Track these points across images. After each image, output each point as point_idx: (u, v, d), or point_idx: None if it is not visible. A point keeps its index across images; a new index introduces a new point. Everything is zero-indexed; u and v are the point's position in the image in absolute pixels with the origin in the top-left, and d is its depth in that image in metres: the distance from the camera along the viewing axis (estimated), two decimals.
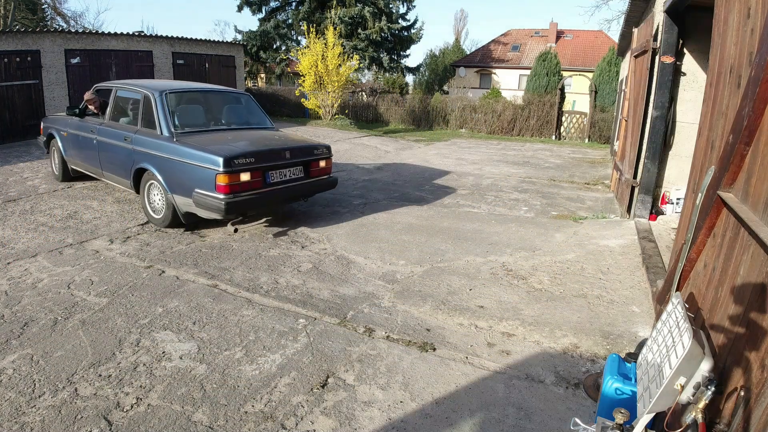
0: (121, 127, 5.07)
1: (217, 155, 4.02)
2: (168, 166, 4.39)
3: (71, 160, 6.01)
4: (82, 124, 5.60)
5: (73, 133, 5.75)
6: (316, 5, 20.42)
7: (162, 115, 4.60)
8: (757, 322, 1.20)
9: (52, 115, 6.64)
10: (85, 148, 5.57)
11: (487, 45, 32.14)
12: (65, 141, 5.99)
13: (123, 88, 5.36)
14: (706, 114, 2.08)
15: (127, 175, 4.92)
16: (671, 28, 4.52)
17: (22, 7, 20.74)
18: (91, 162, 5.54)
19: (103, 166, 5.32)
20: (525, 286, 3.35)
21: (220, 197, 4.03)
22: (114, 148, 5.05)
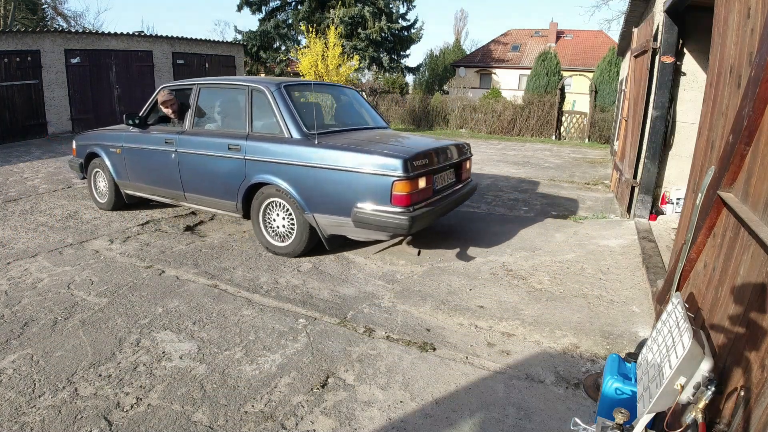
0: (220, 134, 4.07)
1: (393, 156, 3.25)
2: (306, 176, 3.52)
3: (129, 183, 4.81)
4: (146, 136, 4.52)
5: (132, 149, 4.63)
6: (316, 5, 20.42)
7: (287, 114, 3.72)
8: (757, 322, 1.20)
9: (91, 131, 5.36)
10: (155, 166, 4.46)
11: (487, 45, 32.14)
12: (118, 160, 4.79)
13: (213, 85, 4.37)
14: (706, 114, 2.08)
15: (231, 195, 3.96)
16: (671, 28, 4.52)
17: (22, 7, 20.75)
18: (165, 183, 4.43)
19: (189, 187, 4.25)
20: (525, 286, 3.35)
21: (400, 211, 3.22)
22: (210, 161, 4.02)
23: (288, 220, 3.79)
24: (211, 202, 4.18)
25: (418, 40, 23.09)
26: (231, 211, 4.07)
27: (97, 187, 5.24)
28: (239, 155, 3.83)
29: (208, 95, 4.37)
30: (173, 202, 4.59)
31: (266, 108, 3.85)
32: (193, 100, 4.31)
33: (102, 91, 12.27)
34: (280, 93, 3.81)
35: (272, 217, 3.88)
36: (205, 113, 4.35)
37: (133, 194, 4.94)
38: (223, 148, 3.93)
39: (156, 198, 4.74)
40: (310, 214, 3.57)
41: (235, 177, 3.89)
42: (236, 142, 3.87)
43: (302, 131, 3.66)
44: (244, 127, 3.94)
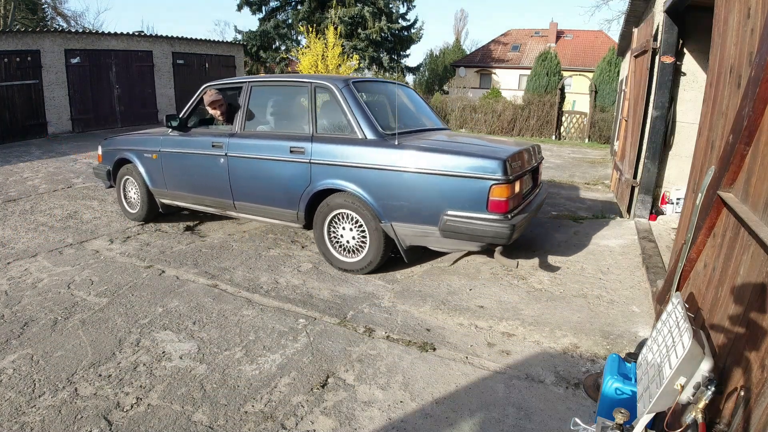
0: (278, 136, 3.72)
1: (490, 158, 2.98)
2: (384, 181, 3.23)
3: (166, 191, 4.40)
4: (189, 140, 4.14)
5: (172, 154, 4.24)
6: (316, 5, 20.42)
7: (360, 113, 3.41)
8: (757, 322, 1.20)
9: (120, 135, 4.90)
10: (199, 172, 4.09)
11: (487, 45, 32.15)
12: (154, 166, 4.38)
13: (267, 83, 4.07)
14: (706, 114, 2.08)
15: (291, 203, 3.63)
16: (671, 28, 4.52)
17: (22, 7, 20.75)
18: (211, 191, 4.08)
19: (239, 195, 3.91)
20: (525, 286, 3.35)
21: (498, 218, 2.96)
22: (267, 166, 3.68)
23: (358, 231, 3.44)
24: (266, 211, 3.82)
25: (418, 40, 23.10)
26: (290, 221, 3.74)
27: (127, 196, 4.78)
28: (303, 158, 3.49)
29: (261, 94, 4.02)
30: (219, 212, 4.22)
31: (333, 107, 3.56)
32: (243, 99, 3.93)
33: (102, 91, 12.27)
34: (349, 91, 3.50)
35: (338, 229, 3.52)
36: (257, 114, 4.01)
37: (171, 204, 4.49)
38: (284, 151, 3.57)
39: (198, 208, 4.34)
40: (387, 223, 3.26)
41: (298, 183, 3.55)
42: (299, 144, 3.51)
43: (377, 131, 3.35)
44: (307, 128, 3.61)
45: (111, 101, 12.50)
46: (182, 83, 14.10)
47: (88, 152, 8.92)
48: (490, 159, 2.98)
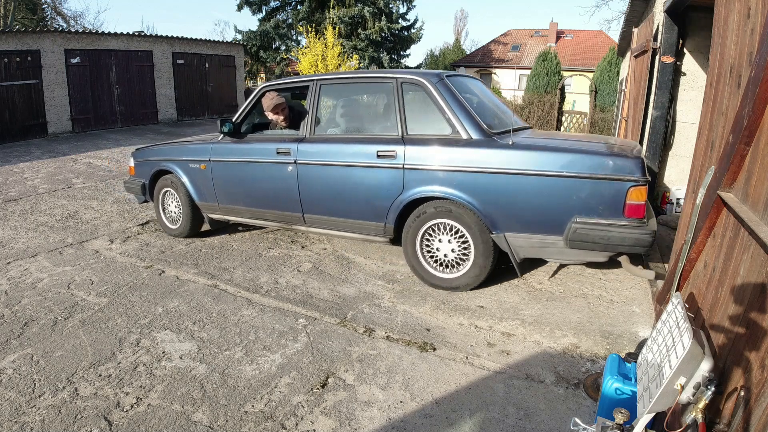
0: (359, 139, 3.36)
1: (627, 157, 2.66)
2: (495, 186, 2.89)
3: (217, 205, 4.01)
4: (248, 147, 3.75)
5: (226, 163, 3.83)
6: (315, 5, 20.42)
7: (461, 111, 3.05)
8: (757, 322, 1.20)
9: (156, 145, 4.53)
10: (261, 182, 3.71)
11: (487, 45, 32.14)
12: (202, 177, 3.98)
13: (340, 80, 3.66)
14: (706, 114, 2.08)
15: (377, 215, 3.28)
16: (671, 28, 4.52)
17: (22, 7, 20.75)
18: (275, 203, 3.69)
19: (311, 207, 3.53)
20: (525, 286, 3.35)
21: (636, 224, 2.63)
22: (347, 173, 3.31)
23: (459, 243, 3.11)
24: (343, 224, 3.45)
25: (418, 40, 23.09)
26: (373, 235, 3.39)
27: (167, 210, 4.38)
28: (394, 163, 3.11)
29: (332, 93, 3.69)
30: (283, 226, 3.85)
31: (427, 104, 3.19)
32: (311, 100, 3.55)
33: (102, 91, 12.27)
34: (445, 86, 3.12)
35: (433, 242, 3.19)
36: (328, 115, 3.72)
37: (221, 218, 4.14)
38: (369, 156, 3.20)
39: (255, 222, 3.97)
40: (499, 234, 2.94)
41: (387, 191, 3.18)
42: (389, 147, 3.13)
43: (483, 131, 2.99)
44: (395, 130, 3.23)
45: (111, 101, 12.50)
46: (182, 83, 14.10)
47: (88, 152, 8.92)
48: (626, 158, 2.64)
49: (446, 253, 3.17)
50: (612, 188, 2.63)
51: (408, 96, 3.26)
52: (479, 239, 3.01)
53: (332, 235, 3.63)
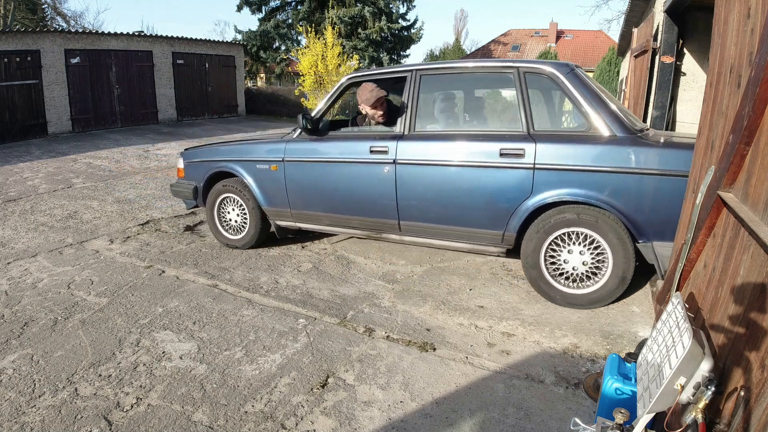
0: (475, 135, 3.04)
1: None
2: (648, 190, 2.60)
3: (289, 211, 3.67)
4: (332, 145, 3.40)
5: (304, 163, 3.47)
6: (315, 5, 20.43)
7: (600, 105, 2.76)
8: (757, 322, 1.20)
9: (211, 144, 4.20)
10: (346, 185, 3.36)
11: (487, 45, 32.16)
12: (272, 180, 3.62)
13: (447, 70, 3.27)
14: (706, 114, 2.07)
15: (496, 222, 2.97)
16: (671, 28, 4.52)
17: (22, 7, 20.76)
18: (364, 209, 3.36)
19: (410, 213, 3.20)
20: (525, 286, 3.35)
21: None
22: (460, 175, 2.99)
23: (592, 253, 2.82)
24: (450, 232, 3.10)
25: (418, 40, 23.10)
26: (489, 245, 3.06)
27: (225, 218, 3.98)
28: (522, 163, 2.79)
29: (435, 85, 3.34)
30: (368, 235, 3.49)
31: (556, 98, 2.98)
32: (409, 92, 3.19)
33: (102, 91, 12.27)
34: (577, 78, 2.82)
35: (561, 253, 2.88)
36: (429, 109, 3.37)
37: (292, 226, 3.76)
38: (490, 155, 2.87)
39: (336, 230, 3.63)
40: (647, 242, 2.67)
41: (510, 194, 2.87)
42: (515, 145, 2.81)
43: (626, 128, 2.71)
44: (518, 125, 2.91)
45: (111, 101, 12.50)
46: (182, 83, 14.10)
47: (88, 152, 8.92)
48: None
49: (575, 266, 2.86)
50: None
51: (532, 88, 2.95)
52: (619, 249, 2.71)
53: (431, 245, 3.30)
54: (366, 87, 3.37)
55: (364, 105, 3.39)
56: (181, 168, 4.17)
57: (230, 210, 3.94)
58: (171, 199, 5.61)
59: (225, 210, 3.97)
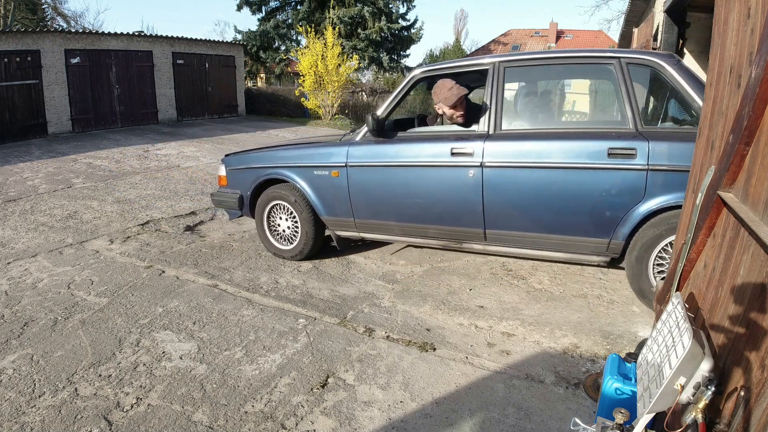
0: (580, 134, 2.75)
1: None
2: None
3: (352, 221, 3.41)
4: (404, 148, 3.12)
5: (372, 168, 3.20)
6: (315, 5, 20.43)
7: None
8: (757, 322, 1.20)
9: (258, 150, 3.88)
10: (422, 192, 3.10)
11: (487, 45, 32.20)
12: (333, 186, 3.35)
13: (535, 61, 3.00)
14: (706, 114, 2.07)
15: (601, 229, 2.74)
16: (671, 28, 4.52)
17: (22, 7, 20.76)
18: (442, 217, 3.10)
19: (499, 221, 2.95)
20: (525, 286, 3.35)
21: None
22: (561, 178, 2.72)
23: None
24: (545, 241, 2.87)
25: (418, 40, 23.10)
26: (591, 254, 2.85)
27: (276, 228, 3.73)
28: (634, 164, 2.54)
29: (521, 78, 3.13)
30: (446, 245, 3.25)
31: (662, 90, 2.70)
32: (493, 86, 2.92)
33: (102, 91, 12.27)
34: (685, 70, 2.57)
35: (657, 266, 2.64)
36: (516, 106, 3.18)
37: (355, 236, 3.52)
38: (596, 155, 2.61)
39: (409, 240, 3.37)
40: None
41: (620, 199, 2.62)
42: (624, 144, 2.55)
43: None
44: (622, 121, 2.66)
45: (111, 101, 12.50)
46: (182, 83, 14.10)
47: (88, 152, 8.92)
48: None
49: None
50: None
51: (637, 80, 2.68)
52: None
53: (520, 254, 3.06)
54: (444, 84, 3.08)
55: (441, 104, 3.11)
56: (223, 176, 3.89)
57: (281, 219, 3.70)
58: (171, 199, 5.61)
59: (276, 219, 3.74)
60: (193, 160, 8.24)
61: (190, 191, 6.04)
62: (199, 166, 7.68)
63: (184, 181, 6.63)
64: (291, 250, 3.71)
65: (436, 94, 3.13)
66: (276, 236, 3.78)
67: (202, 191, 6.04)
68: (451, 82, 3.09)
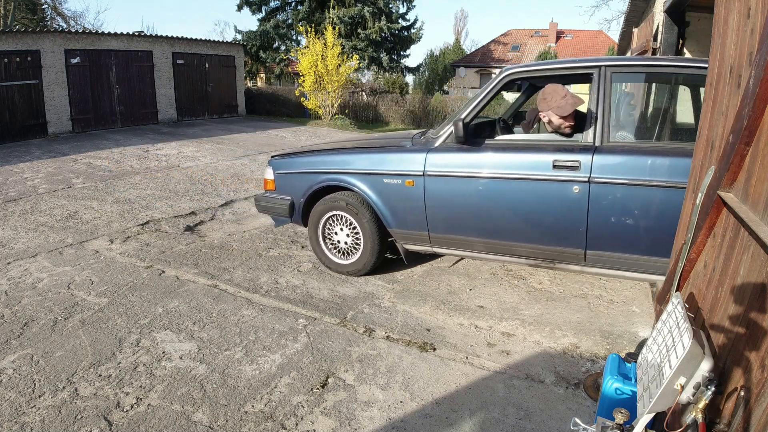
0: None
1: None
2: None
3: (426, 235, 3.13)
4: (495, 158, 2.84)
5: (456, 179, 2.92)
6: (315, 5, 20.44)
7: None
8: (757, 322, 1.20)
9: (312, 152, 3.59)
10: (514, 207, 2.82)
11: (487, 45, 32.18)
12: (406, 197, 3.07)
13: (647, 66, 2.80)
14: (706, 114, 2.07)
15: None
16: (671, 28, 4.52)
17: (22, 7, 20.76)
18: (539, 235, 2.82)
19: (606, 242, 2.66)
20: (525, 286, 3.35)
21: None
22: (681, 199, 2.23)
23: None
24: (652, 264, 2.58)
25: (418, 40, 23.11)
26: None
27: (332, 239, 3.46)
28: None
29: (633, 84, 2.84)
30: (540, 264, 2.97)
31: None
32: (599, 92, 2.66)
33: (102, 91, 12.27)
34: None
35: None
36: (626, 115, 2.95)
37: (427, 251, 3.26)
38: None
39: (492, 257, 3.09)
40: None
41: None
42: None
43: None
44: None
45: (111, 101, 12.50)
46: (182, 83, 14.10)
47: (88, 152, 8.92)
48: None
49: None
50: None
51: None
52: None
53: (624, 277, 2.78)
54: (557, 91, 2.78)
55: (551, 112, 2.80)
56: (270, 179, 3.59)
57: (338, 230, 3.39)
58: (171, 199, 5.61)
59: (330, 230, 3.43)
60: (193, 160, 8.24)
61: (190, 191, 6.04)
62: (199, 166, 7.68)
63: (184, 181, 6.63)
64: (351, 265, 3.41)
65: (546, 101, 2.81)
66: (333, 249, 3.49)
67: (202, 191, 6.04)
68: (564, 89, 2.81)
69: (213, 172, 7.22)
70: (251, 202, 5.55)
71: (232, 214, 5.12)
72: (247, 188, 6.26)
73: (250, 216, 5.03)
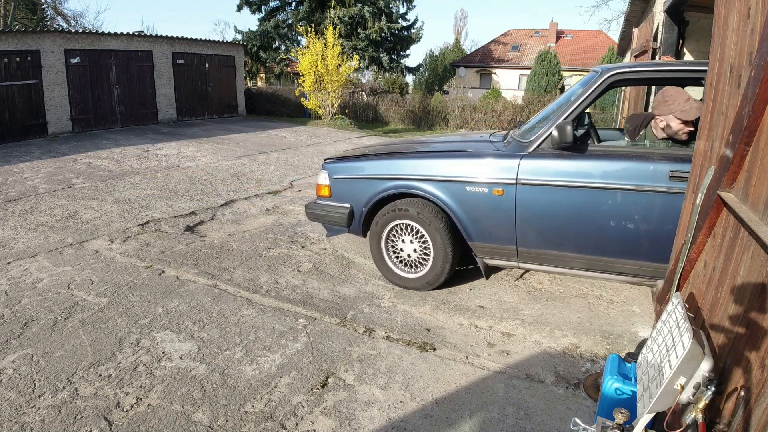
0: None
1: None
2: None
3: (516, 249, 2.88)
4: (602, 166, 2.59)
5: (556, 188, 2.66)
6: (315, 5, 20.43)
7: None
8: (757, 322, 1.20)
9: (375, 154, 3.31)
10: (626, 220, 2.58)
11: (487, 45, 32.17)
12: (491, 208, 2.82)
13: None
14: (706, 114, 2.07)
15: None
16: (671, 28, 4.52)
17: (22, 7, 20.76)
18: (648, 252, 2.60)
19: None
20: (525, 286, 3.35)
21: None
22: None
23: None
24: None
25: (418, 40, 23.10)
26: None
27: (397, 250, 3.21)
28: None
29: None
30: (642, 282, 2.74)
31: None
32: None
33: (102, 91, 12.26)
34: None
35: None
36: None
37: (512, 266, 3.03)
38: None
39: (583, 274, 2.85)
40: None
41: None
42: None
43: None
44: None
45: (111, 101, 12.49)
46: (182, 83, 14.10)
47: (88, 152, 8.92)
48: None
49: None
50: None
51: None
52: None
53: None
54: (680, 95, 2.59)
55: (672, 117, 2.62)
56: (325, 184, 3.30)
57: (404, 240, 3.13)
58: (171, 199, 5.61)
59: (395, 240, 3.18)
60: (193, 160, 8.24)
61: (190, 191, 6.04)
62: (199, 166, 7.68)
63: (184, 181, 6.63)
64: (419, 279, 3.14)
65: (668, 104, 2.61)
66: (397, 262, 3.23)
67: (202, 191, 6.04)
68: (685, 93, 2.61)
69: (213, 172, 7.22)
70: (251, 202, 5.55)
71: (232, 214, 5.12)
72: (247, 188, 6.26)
73: (250, 216, 5.03)
